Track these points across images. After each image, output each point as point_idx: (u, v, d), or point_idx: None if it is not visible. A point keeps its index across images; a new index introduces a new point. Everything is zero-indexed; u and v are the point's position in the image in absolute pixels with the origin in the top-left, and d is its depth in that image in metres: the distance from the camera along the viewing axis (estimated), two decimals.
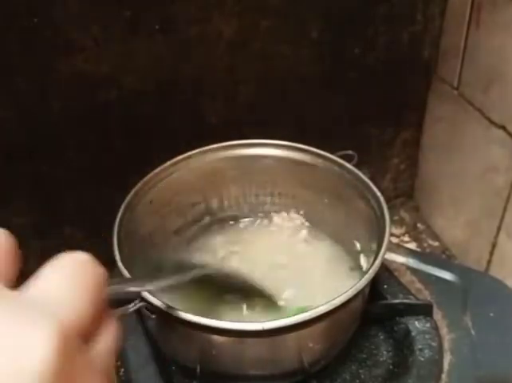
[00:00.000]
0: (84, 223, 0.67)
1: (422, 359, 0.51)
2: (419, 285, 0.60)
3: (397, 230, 0.85)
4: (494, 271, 0.70)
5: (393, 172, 0.86)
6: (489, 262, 0.71)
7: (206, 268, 0.48)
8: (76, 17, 0.54)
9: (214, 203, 0.63)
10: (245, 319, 0.50)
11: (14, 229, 0.66)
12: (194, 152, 0.58)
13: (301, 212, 0.64)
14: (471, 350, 0.53)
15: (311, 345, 0.46)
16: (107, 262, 0.48)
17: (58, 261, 0.24)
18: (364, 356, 0.54)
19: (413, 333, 0.53)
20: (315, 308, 0.41)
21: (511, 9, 0.59)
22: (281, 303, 0.53)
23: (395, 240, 0.83)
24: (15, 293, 0.22)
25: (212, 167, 0.60)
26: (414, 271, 0.62)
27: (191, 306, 0.44)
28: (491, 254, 0.71)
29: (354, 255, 0.59)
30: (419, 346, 0.52)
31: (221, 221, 0.64)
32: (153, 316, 0.45)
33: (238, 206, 0.65)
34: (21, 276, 0.24)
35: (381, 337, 0.56)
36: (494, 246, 0.70)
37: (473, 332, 0.55)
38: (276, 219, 0.65)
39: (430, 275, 0.62)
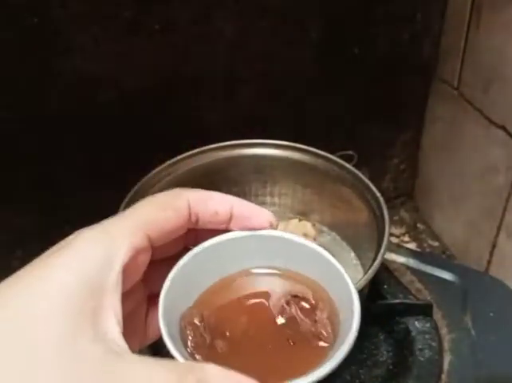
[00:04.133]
0: (84, 223, 0.66)
1: (422, 359, 0.51)
2: (419, 285, 0.60)
3: (397, 230, 0.85)
4: (494, 271, 0.70)
5: (393, 172, 0.86)
6: (489, 262, 0.71)
7: None
8: (76, 17, 0.54)
9: None
10: None
11: (14, 229, 0.66)
12: (194, 151, 0.58)
13: (301, 212, 0.64)
14: (471, 350, 0.53)
15: None
16: None
17: None
18: (364, 356, 0.54)
19: (413, 333, 0.53)
20: None
21: (511, 9, 0.59)
22: None
23: (395, 240, 0.83)
24: None
25: (212, 167, 0.60)
26: (414, 271, 0.62)
27: None
28: (491, 254, 0.71)
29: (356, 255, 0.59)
30: (419, 346, 0.52)
31: None
32: None
33: None
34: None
35: (381, 337, 0.55)
36: (494, 246, 0.70)
37: (473, 332, 0.55)
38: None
39: (430, 275, 0.62)
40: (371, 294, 0.51)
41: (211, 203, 0.29)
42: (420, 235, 0.84)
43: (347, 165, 0.57)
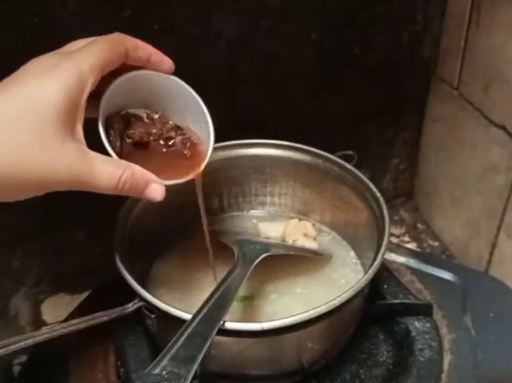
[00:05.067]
0: (85, 223, 0.67)
1: (422, 359, 0.51)
2: (419, 285, 0.61)
3: (397, 230, 0.85)
4: (494, 271, 0.70)
5: (393, 172, 0.86)
6: (489, 262, 0.71)
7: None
8: (76, 17, 0.54)
9: (215, 203, 0.63)
10: None
11: (14, 229, 0.66)
12: None
13: (301, 212, 0.64)
14: (471, 350, 0.53)
15: (311, 345, 0.46)
16: (107, 262, 0.48)
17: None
18: (364, 356, 0.54)
19: (413, 333, 0.53)
20: (315, 308, 0.42)
21: (511, 9, 0.59)
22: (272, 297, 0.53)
23: (395, 240, 0.83)
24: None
25: (212, 167, 0.60)
26: (414, 271, 0.62)
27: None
28: (491, 254, 0.71)
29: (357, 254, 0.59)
30: (419, 346, 0.52)
31: (220, 220, 0.64)
32: (152, 316, 0.45)
33: (237, 206, 0.65)
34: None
35: (381, 337, 0.56)
36: (494, 246, 0.70)
37: (473, 332, 0.55)
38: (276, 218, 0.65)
39: (430, 275, 0.62)
40: (371, 294, 0.52)
41: (139, 50, 0.42)
42: (420, 235, 0.84)
43: (347, 165, 0.57)
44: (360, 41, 0.70)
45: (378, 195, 0.53)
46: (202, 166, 0.46)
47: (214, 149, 0.60)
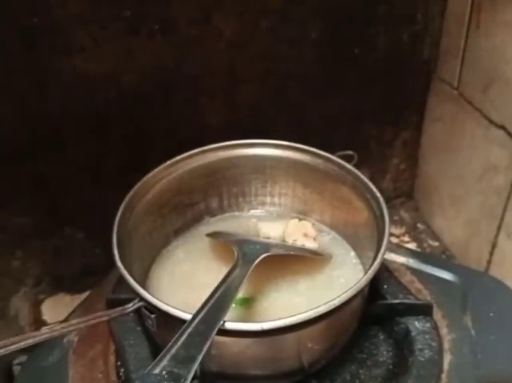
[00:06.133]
0: (84, 223, 0.67)
1: (422, 359, 0.51)
2: (419, 285, 0.60)
3: (397, 230, 0.85)
4: (494, 271, 0.70)
5: (393, 172, 0.86)
6: (489, 262, 0.71)
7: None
8: (76, 17, 0.54)
9: (214, 203, 0.63)
10: None
11: (14, 229, 0.67)
12: (194, 151, 0.58)
13: (301, 212, 0.64)
14: (471, 350, 0.53)
15: (310, 345, 0.46)
16: (107, 262, 0.48)
17: None
18: (364, 356, 0.54)
19: (413, 333, 0.53)
20: (315, 308, 0.41)
21: (511, 9, 0.59)
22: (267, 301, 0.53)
23: (395, 240, 0.83)
24: None
25: (212, 167, 0.60)
26: (414, 271, 0.62)
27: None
28: (491, 254, 0.71)
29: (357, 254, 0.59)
30: (419, 346, 0.52)
31: (220, 220, 0.64)
32: (152, 316, 0.44)
33: (237, 206, 0.65)
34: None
35: (381, 337, 0.55)
36: (494, 246, 0.70)
37: (473, 332, 0.55)
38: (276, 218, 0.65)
39: (430, 275, 0.62)
40: (371, 294, 0.52)
41: None
42: (420, 235, 0.84)
43: (347, 165, 0.57)
44: (360, 41, 0.70)
45: (378, 195, 0.53)
46: None
47: (214, 149, 0.60)
